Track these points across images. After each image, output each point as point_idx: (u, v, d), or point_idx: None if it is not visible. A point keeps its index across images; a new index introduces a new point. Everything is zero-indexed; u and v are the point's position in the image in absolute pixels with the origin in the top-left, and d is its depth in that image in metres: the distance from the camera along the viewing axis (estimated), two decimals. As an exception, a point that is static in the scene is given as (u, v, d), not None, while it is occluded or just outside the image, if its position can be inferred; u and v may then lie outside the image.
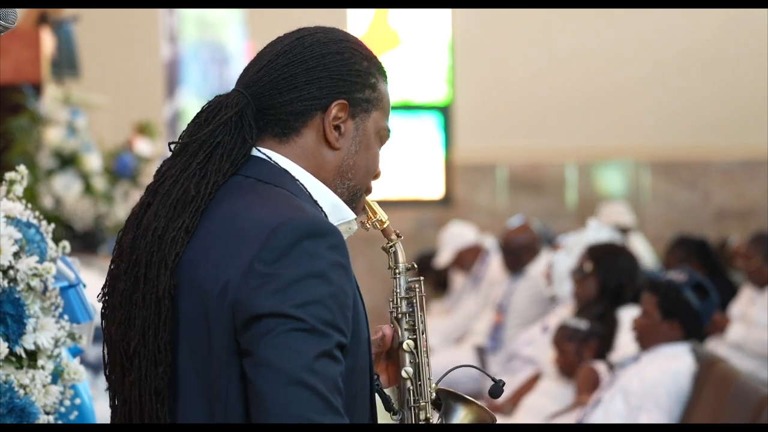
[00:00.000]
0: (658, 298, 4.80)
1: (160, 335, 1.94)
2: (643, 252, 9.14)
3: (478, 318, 7.87)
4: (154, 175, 2.06)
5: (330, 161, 2.07)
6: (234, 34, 10.64)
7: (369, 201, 2.16)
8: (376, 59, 2.12)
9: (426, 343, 2.15)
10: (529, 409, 5.67)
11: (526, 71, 11.38)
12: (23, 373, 2.61)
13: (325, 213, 2.04)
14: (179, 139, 2.06)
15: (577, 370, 5.49)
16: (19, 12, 2.25)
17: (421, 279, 2.18)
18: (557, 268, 6.31)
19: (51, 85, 6.18)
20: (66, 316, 2.73)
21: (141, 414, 1.96)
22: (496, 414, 5.79)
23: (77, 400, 2.76)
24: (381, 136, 2.12)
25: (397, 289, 2.17)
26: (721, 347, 6.41)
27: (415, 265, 2.19)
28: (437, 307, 8.89)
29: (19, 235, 2.65)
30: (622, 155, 11.45)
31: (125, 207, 6.19)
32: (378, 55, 2.14)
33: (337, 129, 2.07)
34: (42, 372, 2.64)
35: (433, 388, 2.15)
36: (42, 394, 2.64)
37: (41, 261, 2.65)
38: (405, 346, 2.14)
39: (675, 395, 4.68)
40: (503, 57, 11.40)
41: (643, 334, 4.84)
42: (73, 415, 2.75)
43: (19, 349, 2.61)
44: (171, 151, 2.06)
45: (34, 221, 2.73)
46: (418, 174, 11.66)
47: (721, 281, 7.34)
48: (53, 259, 2.74)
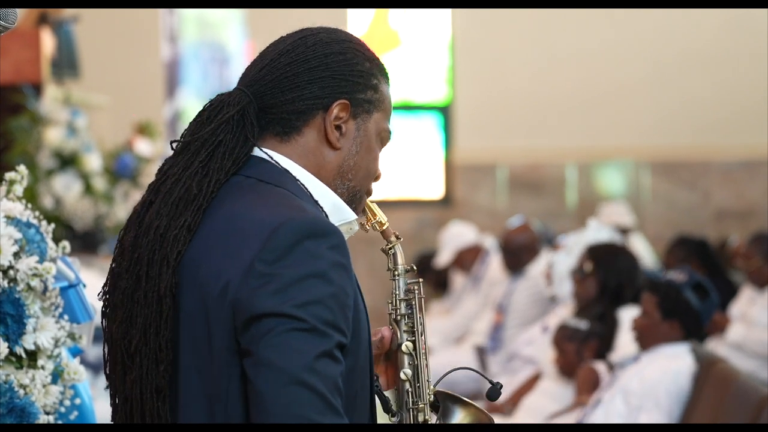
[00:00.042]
0: (658, 298, 4.80)
1: (162, 333, 1.94)
2: (643, 252, 9.14)
3: (478, 318, 7.87)
4: (156, 173, 2.05)
5: (331, 161, 2.07)
6: (234, 34, 10.63)
7: (368, 202, 2.16)
8: (379, 61, 2.12)
9: (425, 345, 2.15)
10: (529, 409, 5.67)
11: (526, 71, 11.37)
12: (23, 373, 2.61)
13: (325, 213, 2.04)
14: (181, 138, 2.05)
15: (577, 370, 5.49)
16: (19, 12, 2.25)
17: (420, 281, 2.18)
18: (557, 268, 6.31)
19: (51, 85, 6.17)
20: (66, 316, 2.73)
21: (142, 412, 1.96)
22: (496, 414, 5.81)
23: (77, 400, 2.76)
24: (382, 138, 2.12)
25: (396, 291, 2.17)
26: (721, 347, 6.41)
27: (414, 267, 2.19)
28: (437, 307, 8.89)
29: (19, 235, 2.65)
30: (622, 155, 11.45)
31: (125, 207, 6.19)
32: (378, 56, 2.14)
33: (338, 129, 2.06)
34: (42, 372, 2.64)
35: (431, 390, 2.15)
36: (42, 394, 2.64)
37: (41, 261, 2.65)
38: (404, 348, 2.14)
39: (675, 395, 4.67)
40: (503, 57, 11.39)
41: (643, 334, 4.84)
42: (73, 415, 2.75)
43: (19, 349, 2.61)
44: (173, 149, 2.06)
45: (34, 221, 2.73)
46: (418, 174, 11.66)
47: (721, 281, 7.33)
48: (53, 259, 2.74)
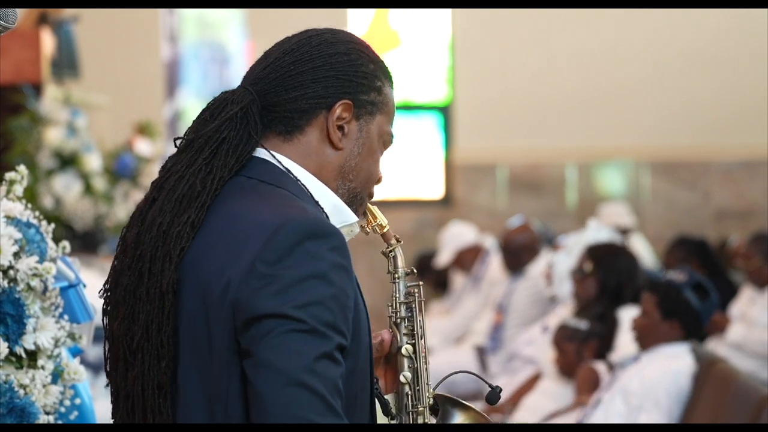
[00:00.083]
0: (658, 298, 4.80)
1: (164, 330, 1.94)
2: (643, 252, 9.14)
3: (478, 318, 7.87)
4: (159, 171, 2.05)
5: (332, 161, 2.07)
6: (234, 34, 10.63)
7: (369, 205, 2.15)
8: (383, 63, 2.12)
9: (425, 348, 2.15)
10: (529, 409, 5.67)
11: (526, 71, 11.37)
12: (23, 373, 2.61)
13: (326, 214, 2.03)
14: (184, 136, 2.05)
15: (577, 370, 5.49)
16: (19, 12, 2.25)
17: (421, 284, 2.17)
18: (557, 268, 6.31)
19: (51, 85, 6.17)
20: (66, 316, 2.73)
21: (144, 409, 1.96)
22: (496, 414, 5.80)
23: (77, 400, 2.76)
24: (384, 141, 2.12)
25: (396, 294, 2.16)
26: (721, 347, 6.41)
27: (415, 270, 2.19)
28: (437, 307, 8.89)
29: (19, 235, 2.65)
30: (622, 155, 11.45)
31: (125, 207, 6.19)
32: (382, 58, 2.13)
33: (340, 129, 2.06)
34: (42, 372, 2.64)
35: (431, 393, 2.14)
36: (42, 394, 2.64)
37: (41, 261, 2.65)
38: (404, 351, 2.14)
39: (675, 395, 4.67)
40: (503, 57, 11.39)
41: (642, 334, 4.84)
42: (73, 415, 2.75)
43: (19, 349, 2.61)
44: (176, 147, 2.06)
45: (34, 221, 2.73)
46: (418, 174, 11.65)
47: (721, 281, 7.33)
48: (53, 259, 2.74)
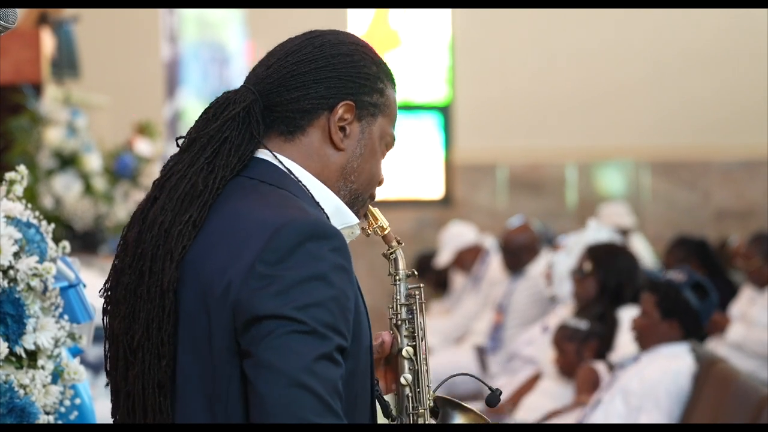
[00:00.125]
0: (657, 297, 4.80)
1: (164, 328, 1.94)
2: (643, 252, 9.13)
3: (478, 318, 7.87)
4: (160, 170, 2.05)
5: (334, 162, 2.07)
6: (234, 34, 10.63)
7: (370, 207, 2.15)
8: (386, 66, 2.12)
9: (425, 350, 2.15)
10: (529, 409, 5.67)
11: (526, 71, 11.37)
12: (23, 373, 2.61)
13: (327, 215, 2.03)
14: (187, 135, 2.05)
15: (577, 370, 5.49)
16: (19, 12, 2.25)
17: (422, 286, 2.17)
18: (557, 268, 6.31)
19: (51, 85, 6.17)
20: (66, 316, 2.73)
21: (144, 408, 1.96)
22: (496, 415, 5.80)
23: (77, 400, 2.76)
24: (386, 143, 2.12)
25: (397, 296, 2.16)
26: (721, 347, 6.41)
27: (416, 272, 2.19)
28: (437, 307, 8.88)
29: (19, 235, 2.65)
30: (622, 155, 11.45)
31: (125, 207, 6.19)
32: (385, 61, 2.13)
33: (342, 130, 2.06)
34: (42, 372, 2.64)
35: (431, 395, 2.14)
36: (42, 394, 2.64)
37: (41, 261, 2.65)
38: (404, 353, 2.13)
39: (675, 395, 4.67)
40: (503, 57, 11.39)
41: (642, 334, 4.84)
42: (73, 415, 2.75)
43: (19, 349, 2.61)
44: (178, 146, 2.06)
45: (34, 221, 2.73)
46: (418, 174, 11.66)
47: (721, 281, 7.34)
48: (53, 259, 2.74)
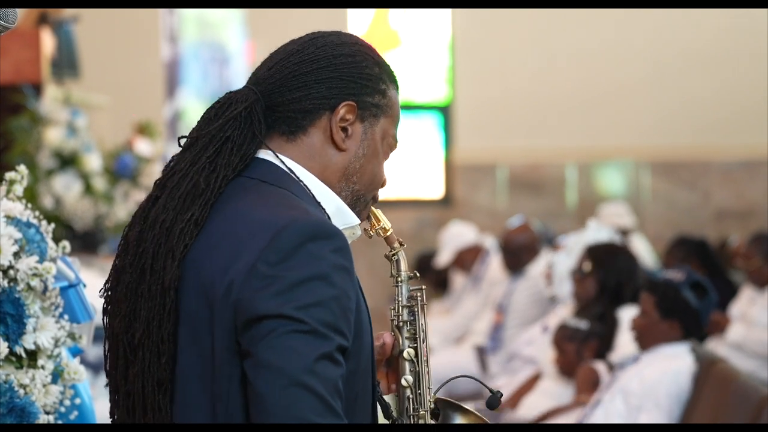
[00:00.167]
0: (657, 297, 4.79)
1: (164, 326, 1.94)
2: (643, 252, 9.13)
3: (478, 318, 7.87)
4: (162, 170, 2.05)
5: (336, 162, 2.07)
6: (234, 34, 10.63)
7: (373, 208, 2.15)
8: (388, 67, 2.11)
9: (426, 351, 2.15)
10: (529, 409, 5.67)
11: (526, 71, 11.38)
12: (23, 373, 2.61)
13: (328, 216, 2.03)
14: (189, 135, 2.05)
15: (577, 370, 5.49)
16: (19, 12, 2.25)
17: (423, 288, 2.17)
18: (557, 268, 6.31)
19: (51, 85, 6.17)
20: (66, 316, 2.73)
21: (144, 405, 1.96)
22: (496, 414, 5.79)
23: (77, 400, 2.76)
24: (389, 144, 2.12)
25: (399, 298, 2.16)
26: (721, 347, 6.41)
27: (418, 274, 2.18)
28: (437, 307, 8.88)
29: (19, 235, 2.65)
30: (622, 155, 11.45)
31: (125, 207, 6.19)
32: (388, 63, 2.13)
33: (344, 130, 2.06)
34: (42, 372, 2.64)
35: (432, 397, 2.14)
36: (42, 394, 2.64)
37: (41, 261, 2.65)
38: (405, 354, 2.13)
39: (675, 395, 4.67)
40: (503, 57, 11.40)
41: (642, 334, 4.83)
42: (73, 415, 2.75)
43: (19, 349, 2.61)
44: (180, 146, 2.06)
45: (34, 221, 2.73)
46: (418, 174, 11.66)
47: (721, 281, 7.34)
48: (53, 259, 2.74)
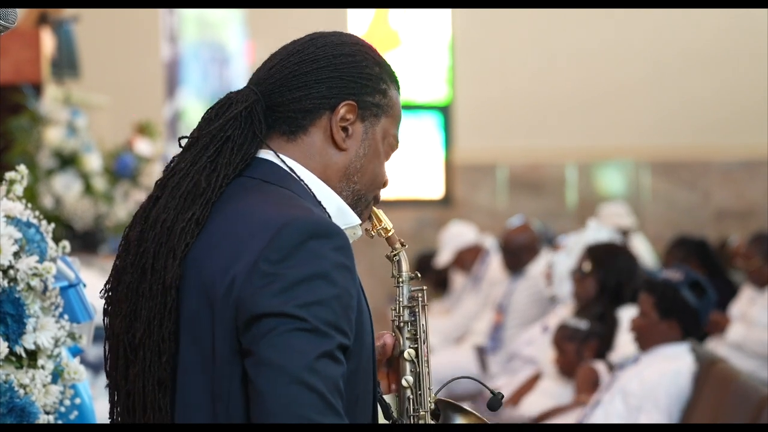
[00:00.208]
0: (655, 298, 4.79)
1: (165, 325, 1.94)
2: (643, 252, 9.13)
3: (478, 318, 7.87)
4: (163, 170, 2.06)
5: (336, 162, 2.07)
6: (234, 34, 10.63)
7: (374, 208, 2.15)
8: (389, 67, 2.11)
9: (427, 352, 2.15)
10: (529, 409, 5.67)
11: (526, 71, 11.38)
12: (23, 373, 2.61)
13: (329, 215, 2.03)
14: (189, 135, 2.06)
15: (577, 369, 5.49)
16: (19, 12, 2.25)
17: (424, 288, 2.17)
18: (557, 268, 6.32)
19: (51, 85, 6.17)
20: (66, 316, 2.73)
21: (144, 405, 1.96)
22: (496, 414, 5.79)
23: (77, 400, 2.76)
24: (390, 144, 2.11)
25: (400, 298, 2.16)
26: (721, 347, 6.41)
27: (419, 275, 2.18)
28: (437, 307, 8.88)
29: (19, 234, 2.65)
30: (622, 155, 11.45)
31: (125, 207, 6.19)
32: (389, 63, 2.13)
33: (344, 130, 2.06)
34: (42, 372, 2.64)
35: (432, 398, 2.14)
36: (42, 394, 2.64)
37: (41, 261, 2.65)
38: (406, 355, 2.13)
39: (675, 396, 4.67)
40: (503, 57, 11.40)
41: (641, 335, 4.83)
42: (73, 415, 2.75)
43: (19, 349, 2.61)
44: (181, 146, 2.06)
45: (34, 221, 2.73)
46: (418, 174, 11.66)
47: (721, 281, 7.33)
48: (53, 259, 2.74)
